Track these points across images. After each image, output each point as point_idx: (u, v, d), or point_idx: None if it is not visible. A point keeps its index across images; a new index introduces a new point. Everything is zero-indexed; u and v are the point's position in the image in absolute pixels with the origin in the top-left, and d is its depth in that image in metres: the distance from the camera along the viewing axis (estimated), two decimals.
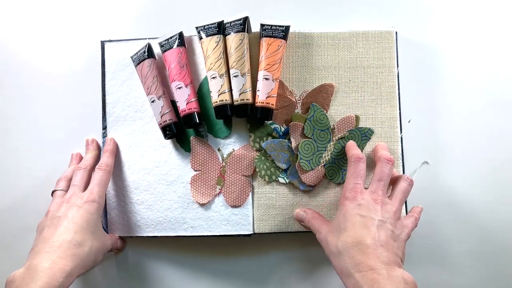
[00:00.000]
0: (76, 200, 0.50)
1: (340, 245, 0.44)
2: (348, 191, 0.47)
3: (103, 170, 0.53)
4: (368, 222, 0.44)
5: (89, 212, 0.49)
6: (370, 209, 0.45)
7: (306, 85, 0.57)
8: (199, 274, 0.58)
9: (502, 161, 0.58)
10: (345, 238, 0.44)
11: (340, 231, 0.45)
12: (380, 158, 0.49)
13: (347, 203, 0.46)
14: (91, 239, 0.48)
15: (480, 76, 0.59)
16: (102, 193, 0.52)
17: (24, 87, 0.61)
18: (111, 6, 0.62)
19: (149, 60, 0.55)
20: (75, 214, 0.48)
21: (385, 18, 0.60)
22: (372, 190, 0.47)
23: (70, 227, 0.46)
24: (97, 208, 0.50)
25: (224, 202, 0.56)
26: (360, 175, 0.48)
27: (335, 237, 0.45)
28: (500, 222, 0.57)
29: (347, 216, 0.45)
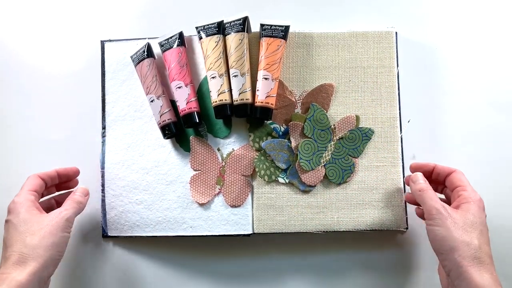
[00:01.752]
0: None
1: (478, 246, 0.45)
2: (478, 197, 0.49)
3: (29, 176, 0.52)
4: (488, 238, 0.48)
5: (11, 220, 0.48)
6: None
7: (306, 85, 0.57)
8: (198, 274, 0.58)
9: (502, 161, 0.58)
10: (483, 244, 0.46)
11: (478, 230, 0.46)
12: None
13: (481, 207, 0.48)
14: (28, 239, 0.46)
15: (480, 76, 0.59)
16: (22, 192, 0.50)
17: (24, 87, 0.61)
18: (111, 6, 0.62)
19: (149, 60, 0.55)
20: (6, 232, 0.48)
21: (385, 18, 0.61)
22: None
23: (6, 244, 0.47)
24: (17, 209, 0.48)
25: (224, 202, 0.56)
26: None
27: (471, 231, 0.46)
28: (500, 222, 0.57)
29: (483, 221, 0.47)
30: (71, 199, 0.52)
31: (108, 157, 0.57)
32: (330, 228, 0.55)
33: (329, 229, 0.55)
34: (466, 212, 0.46)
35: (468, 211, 0.46)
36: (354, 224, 0.55)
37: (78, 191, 0.53)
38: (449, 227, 0.45)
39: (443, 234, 0.45)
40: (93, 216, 0.58)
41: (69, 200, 0.51)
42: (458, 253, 0.44)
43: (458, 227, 0.45)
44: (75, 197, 0.52)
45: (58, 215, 0.49)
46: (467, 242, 0.44)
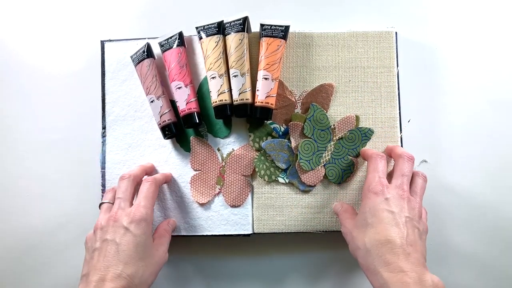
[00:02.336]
0: (122, 218, 0.46)
1: (368, 242, 0.43)
2: (373, 184, 0.45)
3: (150, 182, 0.50)
4: (397, 219, 0.43)
5: (136, 235, 0.45)
6: (397, 205, 0.44)
7: (306, 85, 0.57)
8: (199, 274, 0.58)
9: (502, 161, 0.58)
10: (373, 235, 0.43)
11: (366, 226, 0.44)
12: (402, 155, 0.48)
13: (372, 196, 0.45)
14: (141, 266, 0.45)
15: (480, 76, 0.59)
16: (150, 207, 0.48)
17: (24, 87, 0.61)
18: (111, 6, 0.62)
19: (148, 60, 0.55)
20: (122, 239, 0.45)
21: (385, 18, 0.61)
22: (397, 185, 0.45)
23: (119, 257, 0.44)
24: (144, 227, 0.46)
25: (224, 202, 0.56)
26: (382, 171, 0.47)
27: (361, 232, 0.44)
28: (500, 222, 0.57)
29: (374, 211, 0.44)
30: (168, 235, 0.52)
31: (108, 157, 0.57)
32: (330, 228, 0.55)
33: (329, 229, 0.55)
34: (358, 216, 0.46)
35: (359, 212, 0.46)
36: None
37: (171, 224, 0.54)
38: (349, 242, 0.47)
39: (350, 249, 0.47)
40: (93, 216, 0.58)
41: (168, 237, 0.52)
42: (358, 261, 0.44)
43: (353, 237, 0.45)
44: (170, 232, 0.53)
45: (165, 256, 0.49)
46: (358, 246, 0.44)
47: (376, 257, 0.41)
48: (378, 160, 0.48)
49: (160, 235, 0.51)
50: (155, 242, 0.50)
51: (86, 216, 0.58)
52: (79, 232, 0.58)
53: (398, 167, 0.47)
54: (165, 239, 0.51)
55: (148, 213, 0.47)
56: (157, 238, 0.51)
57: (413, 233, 0.43)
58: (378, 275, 0.40)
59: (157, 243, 0.50)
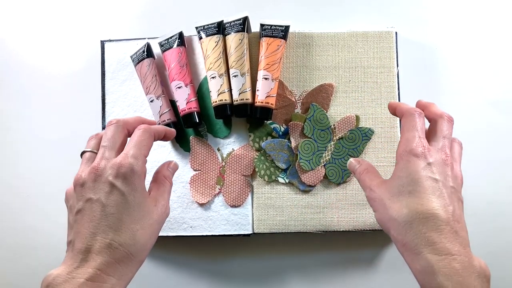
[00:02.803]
0: (106, 171, 0.38)
1: (407, 213, 0.35)
2: (413, 145, 0.37)
3: (142, 129, 0.41)
4: (442, 189, 0.36)
5: (126, 193, 0.37)
6: (441, 172, 0.37)
7: (306, 85, 0.57)
8: (198, 274, 0.58)
9: (502, 161, 0.58)
10: (415, 205, 0.35)
11: (406, 194, 0.36)
12: (442, 115, 0.40)
13: (412, 159, 0.37)
14: (137, 230, 0.37)
15: (480, 76, 0.59)
16: (141, 157, 0.39)
17: (24, 87, 0.61)
18: (111, 6, 0.62)
19: (148, 60, 0.55)
20: (109, 198, 0.37)
21: (384, 18, 0.61)
22: (439, 148, 0.38)
23: (108, 222, 0.36)
24: (135, 181, 0.38)
25: (224, 202, 0.56)
26: (422, 129, 0.39)
27: (398, 201, 0.37)
28: (500, 222, 0.57)
29: (415, 176, 0.36)
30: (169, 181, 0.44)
31: None
32: (330, 228, 0.55)
33: (329, 229, 0.55)
34: (391, 180, 0.39)
35: (394, 175, 0.39)
36: (354, 224, 0.55)
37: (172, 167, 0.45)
38: (379, 209, 0.39)
39: (377, 218, 0.40)
40: None
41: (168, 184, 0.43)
42: (392, 234, 0.37)
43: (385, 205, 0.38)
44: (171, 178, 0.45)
45: (165, 211, 0.41)
46: (394, 218, 0.36)
47: (418, 233, 0.35)
48: (417, 116, 0.39)
49: (159, 183, 0.43)
50: (152, 194, 0.41)
51: None
52: None
53: (439, 127, 0.40)
54: (164, 188, 0.43)
55: (139, 163, 0.38)
56: (154, 188, 0.42)
57: (459, 207, 0.37)
58: (420, 255, 0.34)
59: (154, 196, 0.41)
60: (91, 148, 0.42)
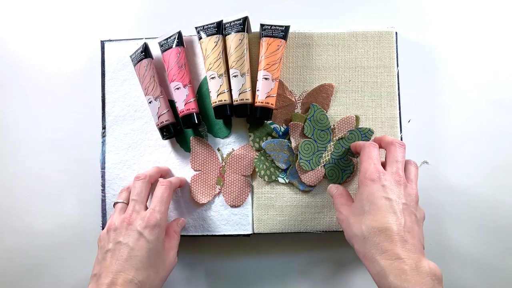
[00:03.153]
0: (137, 221, 0.46)
1: (365, 229, 0.42)
2: (369, 171, 0.44)
3: (164, 186, 0.50)
4: (394, 206, 0.42)
5: (150, 241, 0.45)
6: (394, 191, 0.43)
7: (306, 85, 0.57)
8: (199, 274, 0.58)
9: (502, 160, 0.58)
10: (371, 222, 0.42)
11: (364, 213, 0.43)
12: (393, 142, 0.47)
13: (369, 183, 0.44)
14: (152, 273, 0.45)
15: (479, 76, 0.59)
16: (164, 212, 0.48)
17: (24, 87, 0.61)
18: (111, 6, 0.62)
19: (146, 60, 0.55)
20: (136, 244, 0.45)
21: (385, 19, 0.61)
22: (392, 171, 0.45)
23: (132, 262, 0.44)
24: (158, 233, 0.46)
25: (224, 202, 0.56)
26: (376, 158, 0.46)
27: (358, 219, 0.43)
28: (500, 222, 0.57)
29: (371, 198, 0.43)
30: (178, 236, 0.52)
31: (108, 157, 0.57)
32: (330, 228, 0.55)
33: (329, 229, 0.55)
34: (353, 203, 0.46)
35: (356, 199, 0.45)
36: None
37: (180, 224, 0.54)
38: (344, 228, 0.46)
39: (346, 236, 0.46)
40: (93, 216, 0.59)
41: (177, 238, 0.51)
42: (355, 248, 0.44)
43: (349, 224, 0.44)
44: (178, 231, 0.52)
45: (174, 260, 0.49)
46: (355, 234, 0.43)
47: (373, 244, 0.41)
48: (371, 148, 0.47)
49: (170, 237, 0.51)
50: (166, 245, 0.49)
51: (86, 216, 0.58)
52: (79, 232, 0.58)
53: (391, 154, 0.47)
54: (174, 241, 0.51)
55: (163, 218, 0.47)
56: (167, 241, 0.50)
57: (411, 219, 0.42)
58: (375, 262, 0.40)
59: (167, 247, 0.49)
60: (123, 199, 0.51)
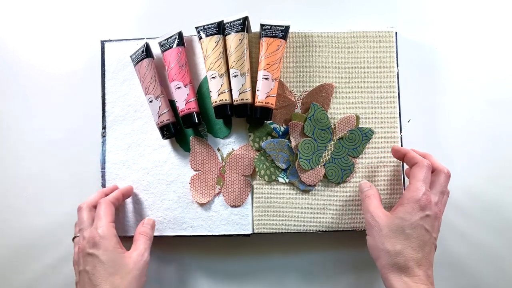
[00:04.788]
0: (85, 246, 0.48)
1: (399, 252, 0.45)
2: (422, 197, 0.46)
3: (100, 203, 0.51)
4: (430, 240, 0.46)
5: (100, 255, 0.47)
6: (432, 224, 0.46)
7: (306, 85, 0.57)
8: (199, 274, 0.58)
9: (502, 160, 0.58)
10: (408, 248, 0.45)
11: (403, 235, 0.45)
12: (444, 170, 0.49)
13: (417, 207, 0.46)
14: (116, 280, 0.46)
15: (479, 76, 0.59)
16: (104, 225, 0.49)
17: (24, 87, 0.61)
18: (111, 6, 0.62)
19: (147, 60, 0.55)
20: (90, 265, 0.47)
21: (384, 19, 0.61)
22: (435, 202, 0.47)
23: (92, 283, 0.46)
24: (105, 244, 0.47)
25: (224, 202, 0.56)
26: (428, 184, 0.48)
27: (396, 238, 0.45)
28: (501, 222, 0.57)
29: (414, 223, 0.45)
30: (144, 234, 0.52)
31: (108, 157, 0.57)
32: (330, 228, 0.55)
33: (329, 229, 0.55)
34: (393, 217, 0.46)
35: (397, 214, 0.46)
36: (353, 224, 0.55)
37: (146, 223, 0.53)
38: (374, 236, 0.47)
39: (370, 243, 0.48)
40: None
41: (143, 237, 0.51)
42: (380, 261, 0.46)
43: (382, 235, 0.46)
44: (147, 232, 0.52)
45: (141, 258, 0.49)
46: (387, 250, 0.45)
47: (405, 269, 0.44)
48: (427, 170, 0.48)
49: (135, 239, 0.52)
50: (131, 249, 0.50)
51: None
52: None
53: (439, 181, 0.48)
54: (140, 241, 0.51)
55: (104, 230, 0.48)
56: (133, 245, 0.51)
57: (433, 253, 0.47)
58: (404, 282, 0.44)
59: (132, 250, 0.50)
60: (75, 233, 0.52)
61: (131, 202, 0.57)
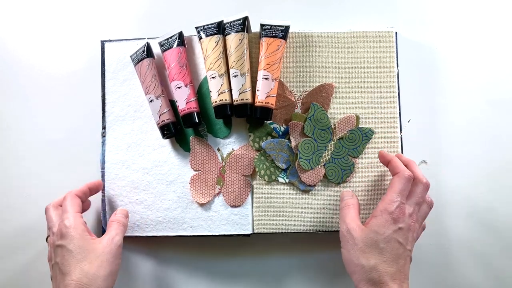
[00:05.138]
0: (54, 240, 0.49)
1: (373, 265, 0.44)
2: (395, 209, 0.45)
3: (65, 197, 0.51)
4: (404, 253, 0.45)
5: (66, 244, 0.47)
6: (406, 237, 0.46)
7: (306, 85, 0.57)
8: (199, 274, 0.58)
9: (502, 161, 0.58)
10: (381, 263, 0.44)
11: (377, 249, 0.45)
12: (422, 181, 0.48)
13: (389, 221, 0.45)
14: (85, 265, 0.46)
15: (479, 76, 0.59)
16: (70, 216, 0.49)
17: (24, 87, 0.61)
18: (111, 6, 0.62)
19: (148, 60, 0.55)
20: (59, 256, 0.47)
21: (385, 19, 0.61)
22: (410, 213, 0.46)
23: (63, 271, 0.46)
24: (71, 233, 0.47)
25: (224, 202, 0.56)
26: (405, 195, 0.47)
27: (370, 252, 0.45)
28: (500, 222, 0.57)
29: (387, 237, 0.45)
30: (116, 221, 0.52)
31: (108, 157, 0.57)
32: (330, 228, 0.55)
33: (329, 229, 0.55)
34: (368, 231, 0.46)
35: (370, 227, 0.46)
36: None
37: (119, 213, 0.54)
38: (349, 250, 0.46)
39: (345, 257, 0.47)
40: (93, 216, 0.58)
41: (115, 223, 0.52)
42: (355, 276, 0.45)
43: (357, 249, 0.45)
44: (119, 219, 0.52)
45: (112, 242, 0.49)
46: (362, 264, 0.45)
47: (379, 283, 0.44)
48: (406, 182, 0.47)
49: (107, 227, 0.52)
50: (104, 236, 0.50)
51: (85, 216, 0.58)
52: None
53: (416, 191, 0.47)
54: (111, 228, 0.51)
55: (70, 221, 0.48)
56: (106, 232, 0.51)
57: (408, 264, 0.46)
58: None
59: (102, 236, 0.50)
60: (48, 233, 0.52)
61: (130, 203, 0.57)
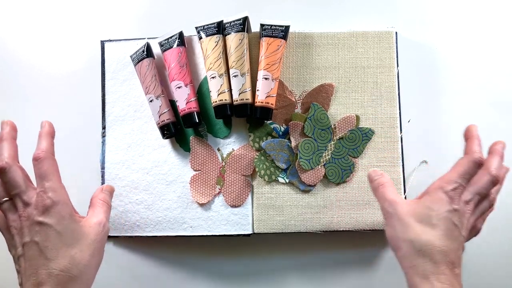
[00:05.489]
0: (32, 213, 0.40)
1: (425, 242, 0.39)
2: (451, 187, 0.41)
3: (40, 158, 0.42)
4: (459, 237, 0.41)
5: (55, 224, 0.40)
6: (462, 221, 0.41)
7: (306, 85, 0.57)
8: (198, 274, 0.58)
9: None
10: (434, 238, 0.40)
11: (430, 225, 0.40)
12: (491, 172, 0.42)
13: (445, 199, 0.41)
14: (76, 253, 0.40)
15: (480, 76, 0.59)
16: (56, 188, 0.41)
17: (24, 87, 0.61)
18: (111, 6, 0.62)
19: (148, 60, 0.55)
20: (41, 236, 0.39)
21: (385, 18, 0.61)
22: (467, 200, 0.42)
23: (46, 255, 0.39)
24: (59, 211, 0.40)
25: (224, 202, 0.56)
26: (468, 179, 0.42)
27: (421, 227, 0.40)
28: (500, 222, 0.57)
29: (441, 214, 0.40)
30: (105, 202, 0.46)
31: (108, 157, 0.57)
32: (330, 228, 0.55)
33: (329, 229, 0.55)
34: (420, 205, 0.42)
35: (424, 203, 0.42)
36: (354, 224, 0.55)
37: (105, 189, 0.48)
38: (394, 225, 0.42)
39: (389, 233, 0.43)
40: None
41: (104, 205, 0.46)
42: (401, 252, 0.41)
43: (403, 224, 0.41)
44: (107, 199, 0.47)
45: (103, 229, 0.43)
46: (410, 239, 0.40)
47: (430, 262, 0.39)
48: (473, 165, 0.42)
49: (94, 206, 0.45)
50: (88, 216, 0.44)
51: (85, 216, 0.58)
52: None
53: (481, 183, 0.43)
54: (99, 209, 0.45)
55: (57, 193, 0.41)
56: (90, 211, 0.45)
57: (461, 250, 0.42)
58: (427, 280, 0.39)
59: (90, 218, 0.44)
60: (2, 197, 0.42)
61: (130, 203, 0.57)
